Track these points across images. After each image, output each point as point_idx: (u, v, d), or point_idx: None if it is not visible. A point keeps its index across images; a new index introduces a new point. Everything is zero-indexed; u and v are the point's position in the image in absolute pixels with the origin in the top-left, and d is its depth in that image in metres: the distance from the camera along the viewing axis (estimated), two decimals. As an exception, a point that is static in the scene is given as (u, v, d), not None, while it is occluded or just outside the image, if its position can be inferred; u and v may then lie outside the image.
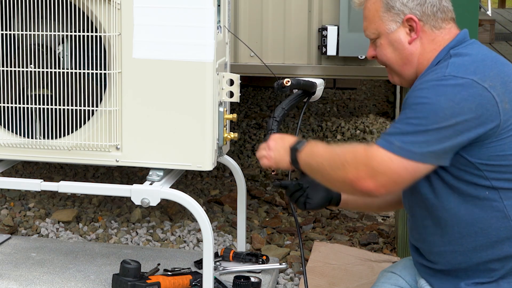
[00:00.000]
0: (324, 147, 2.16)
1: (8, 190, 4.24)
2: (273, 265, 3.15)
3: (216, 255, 3.14)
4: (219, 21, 2.69)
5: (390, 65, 2.25)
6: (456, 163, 2.04)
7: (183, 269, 3.03)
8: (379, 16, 2.21)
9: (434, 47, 2.18)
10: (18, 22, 2.67)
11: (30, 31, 2.65)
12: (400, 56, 2.20)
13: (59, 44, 2.66)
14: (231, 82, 2.66)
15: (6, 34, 2.68)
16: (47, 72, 2.66)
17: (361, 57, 3.32)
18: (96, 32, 2.60)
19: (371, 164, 2.01)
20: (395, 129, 2.02)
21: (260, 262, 3.12)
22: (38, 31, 2.65)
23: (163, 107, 2.58)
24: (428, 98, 2.00)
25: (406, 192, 2.23)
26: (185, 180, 4.55)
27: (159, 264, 3.04)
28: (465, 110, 1.97)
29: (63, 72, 2.64)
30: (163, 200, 2.61)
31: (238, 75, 2.68)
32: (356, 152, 2.06)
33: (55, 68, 2.65)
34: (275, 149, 2.29)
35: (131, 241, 3.65)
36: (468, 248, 2.09)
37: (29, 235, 3.71)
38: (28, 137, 2.72)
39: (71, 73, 2.64)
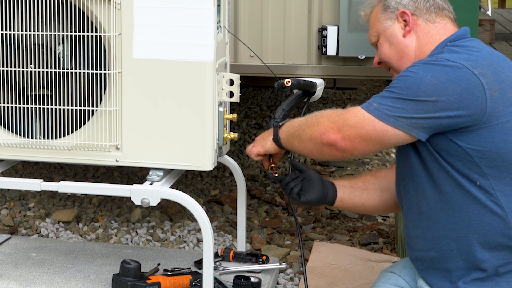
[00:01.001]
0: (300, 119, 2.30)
1: (8, 190, 4.24)
2: (273, 265, 3.15)
3: (216, 255, 3.14)
4: (219, 21, 2.69)
5: (389, 62, 2.31)
6: (447, 148, 2.07)
7: (183, 269, 3.03)
8: (378, 18, 2.31)
9: (429, 40, 2.24)
10: (18, 22, 2.67)
11: (30, 31, 2.65)
12: (396, 50, 2.27)
13: (59, 44, 2.66)
14: (231, 82, 2.66)
15: (6, 34, 2.68)
16: (47, 72, 2.65)
17: (361, 57, 3.33)
18: (96, 32, 2.60)
19: (344, 116, 2.10)
20: (378, 95, 2.10)
21: (260, 262, 3.12)
22: (38, 31, 2.65)
23: (163, 107, 2.58)
24: (415, 72, 2.06)
25: (401, 178, 2.25)
26: (185, 180, 4.55)
27: (159, 264, 3.04)
28: (449, 91, 2.01)
29: (63, 72, 2.64)
30: (163, 200, 2.60)
31: (238, 75, 2.68)
32: (336, 110, 2.16)
33: (55, 68, 2.65)
34: (260, 136, 2.43)
35: (131, 241, 3.65)
36: (460, 234, 2.10)
37: (29, 235, 3.71)
38: (28, 137, 2.72)
39: (71, 73, 2.64)
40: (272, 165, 2.46)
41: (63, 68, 2.66)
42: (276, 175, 2.46)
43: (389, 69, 2.35)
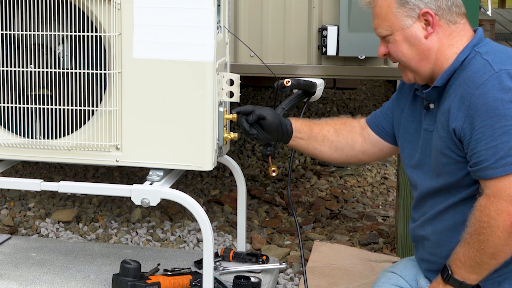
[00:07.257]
0: (462, 249, 2.08)
1: (8, 190, 4.24)
2: (273, 265, 3.15)
3: (216, 255, 3.14)
4: (219, 21, 2.69)
5: (406, 62, 2.21)
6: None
7: (183, 269, 3.03)
8: (393, 12, 2.18)
9: (451, 42, 2.16)
10: (18, 22, 2.67)
11: (30, 31, 2.65)
12: (417, 51, 2.17)
13: (59, 44, 2.66)
14: (231, 82, 2.66)
15: (6, 34, 2.68)
16: (47, 72, 2.66)
17: (361, 57, 3.32)
18: (96, 32, 2.60)
19: (506, 194, 1.98)
20: (504, 146, 1.99)
21: (260, 262, 3.12)
22: (38, 31, 2.65)
23: (163, 107, 2.58)
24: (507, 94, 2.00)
25: (441, 195, 2.20)
26: (185, 180, 4.55)
27: (159, 264, 3.04)
28: None
29: (63, 72, 2.64)
30: (163, 200, 2.61)
31: (238, 75, 2.68)
32: (481, 207, 2.02)
33: (55, 68, 2.65)
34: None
35: (131, 241, 3.65)
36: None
37: (29, 235, 3.71)
38: (28, 137, 2.72)
39: (71, 73, 2.64)
40: (273, 168, 2.52)
41: (63, 68, 2.66)
42: (275, 173, 2.54)
43: (399, 62, 2.25)
